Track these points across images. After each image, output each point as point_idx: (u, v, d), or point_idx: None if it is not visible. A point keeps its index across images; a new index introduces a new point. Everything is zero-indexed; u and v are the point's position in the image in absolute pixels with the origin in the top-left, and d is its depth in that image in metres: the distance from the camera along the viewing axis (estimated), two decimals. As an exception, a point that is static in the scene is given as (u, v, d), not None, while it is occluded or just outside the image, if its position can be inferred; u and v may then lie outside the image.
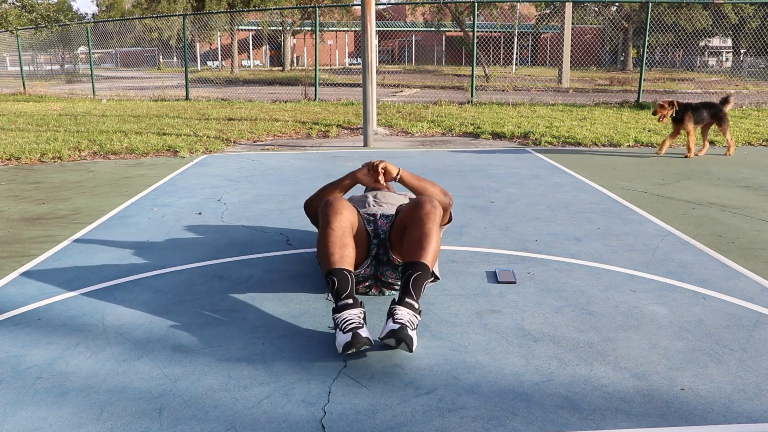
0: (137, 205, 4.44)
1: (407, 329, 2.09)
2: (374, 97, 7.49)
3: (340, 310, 2.19)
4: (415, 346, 2.12)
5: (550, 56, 39.11)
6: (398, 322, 2.11)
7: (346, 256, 2.34)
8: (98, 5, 43.34)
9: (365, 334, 2.09)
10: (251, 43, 40.43)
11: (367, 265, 2.61)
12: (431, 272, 2.35)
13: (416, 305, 2.21)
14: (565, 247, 3.40)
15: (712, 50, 43.52)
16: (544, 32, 37.25)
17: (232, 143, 7.55)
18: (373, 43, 7.33)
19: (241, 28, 32.64)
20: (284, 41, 31.68)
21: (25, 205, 4.49)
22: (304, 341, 2.28)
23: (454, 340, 2.29)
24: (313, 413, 1.82)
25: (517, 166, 5.93)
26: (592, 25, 34.15)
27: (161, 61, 40.07)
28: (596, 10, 29.93)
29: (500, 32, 25.41)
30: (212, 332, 2.36)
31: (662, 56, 40.44)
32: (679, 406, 1.85)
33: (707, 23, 28.15)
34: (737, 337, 2.30)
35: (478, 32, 12.54)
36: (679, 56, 38.96)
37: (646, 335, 2.32)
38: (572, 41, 20.03)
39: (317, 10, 13.42)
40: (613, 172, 5.61)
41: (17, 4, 12.89)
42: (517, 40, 32.29)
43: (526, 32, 36.58)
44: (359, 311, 2.19)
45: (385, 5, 29.25)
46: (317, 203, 2.79)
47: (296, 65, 39.65)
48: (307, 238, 3.57)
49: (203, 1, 26.59)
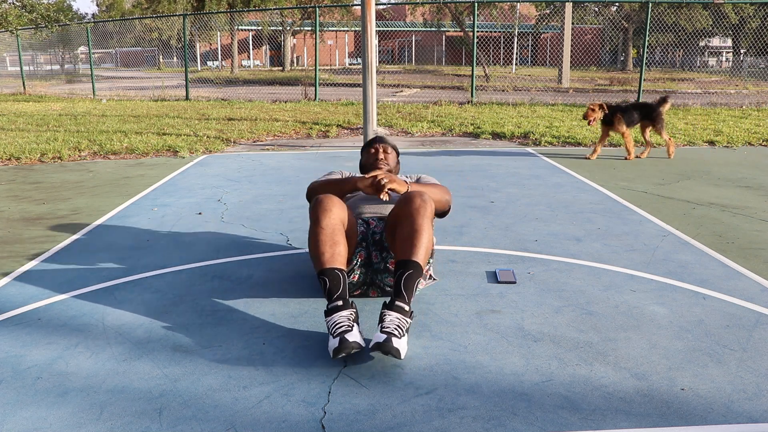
0: (137, 205, 4.44)
1: (392, 341, 2.04)
2: (374, 97, 7.48)
3: (330, 313, 2.17)
4: (404, 353, 2.09)
5: (550, 56, 39.12)
6: (385, 331, 2.07)
7: (337, 254, 2.31)
8: (98, 5, 43.36)
9: (353, 338, 2.06)
10: (251, 43, 40.45)
11: (357, 265, 2.57)
12: (423, 269, 2.31)
13: (407, 308, 2.18)
14: (565, 247, 3.40)
15: (712, 50, 43.53)
16: (544, 32, 37.27)
17: (232, 143, 7.55)
18: (373, 43, 7.32)
19: (241, 28, 32.65)
20: (284, 41, 31.69)
21: (25, 205, 4.49)
22: (304, 341, 2.28)
23: (454, 340, 2.29)
24: (313, 413, 1.82)
25: (517, 166, 5.93)
26: (592, 25, 34.18)
27: (161, 61, 40.10)
28: (596, 10, 29.95)
29: (500, 32, 25.44)
30: (212, 332, 2.36)
31: (662, 56, 40.47)
32: (679, 406, 1.85)
33: (707, 23, 28.17)
34: (737, 337, 2.30)
35: (478, 32, 12.55)
36: (679, 56, 38.97)
37: (646, 335, 2.32)
38: (572, 41, 20.05)
39: (317, 10, 13.41)
40: (613, 172, 5.61)
41: (17, 4, 12.88)
42: (517, 40, 32.30)
43: (526, 32, 36.59)
44: (349, 313, 2.16)
45: (385, 5, 29.26)
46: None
47: (296, 65, 39.66)
48: (307, 238, 3.56)
49: (203, 1, 26.59)
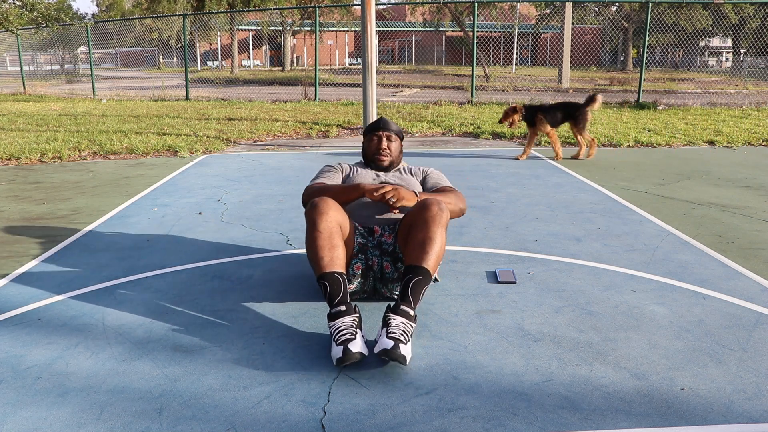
0: (137, 205, 4.44)
1: (399, 347, 2.03)
2: (374, 97, 7.49)
3: (333, 318, 2.16)
4: (409, 358, 2.09)
5: (550, 56, 39.12)
6: (391, 337, 2.06)
7: (336, 257, 2.28)
8: (98, 5, 43.37)
9: (356, 348, 2.04)
10: (251, 43, 40.45)
11: (354, 276, 2.54)
12: (432, 277, 2.30)
13: (412, 312, 2.17)
14: (565, 247, 3.40)
15: (712, 50, 43.52)
16: (544, 32, 37.26)
17: (232, 143, 7.55)
18: (373, 43, 7.33)
19: (241, 28, 32.64)
20: (284, 41, 31.68)
21: (25, 205, 4.49)
22: (304, 341, 2.28)
23: (454, 340, 2.29)
24: (313, 413, 1.82)
25: (517, 166, 5.93)
26: (592, 25, 34.17)
27: (161, 61, 40.09)
28: (596, 10, 29.94)
29: (500, 32, 25.43)
30: (212, 332, 2.36)
31: (662, 56, 40.45)
32: (679, 406, 1.85)
33: (707, 23, 28.17)
34: (737, 337, 2.30)
35: (478, 32, 12.54)
36: (679, 56, 38.97)
37: (646, 335, 2.32)
38: (572, 41, 20.05)
39: (317, 10, 13.41)
40: (613, 172, 5.61)
41: (18, 3, 12.87)
42: (517, 40, 32.30)
43: (526, 32, 36.59)
44: (352, 319, 2.15)
45: (385, 5, 29.26)
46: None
47: (296, 65, 39.65)
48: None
49: (203, 1, 26.58)
